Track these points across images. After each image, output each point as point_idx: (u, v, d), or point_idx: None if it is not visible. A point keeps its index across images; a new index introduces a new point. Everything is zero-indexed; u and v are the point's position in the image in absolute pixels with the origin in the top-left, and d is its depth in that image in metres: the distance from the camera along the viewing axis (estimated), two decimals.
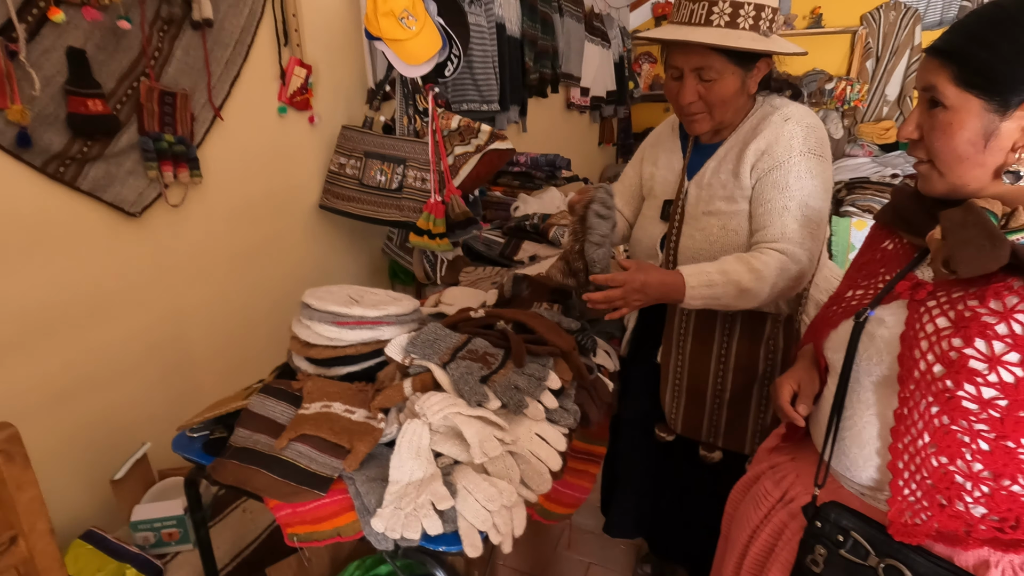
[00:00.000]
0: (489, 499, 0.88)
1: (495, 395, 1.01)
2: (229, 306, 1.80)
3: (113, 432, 1.48)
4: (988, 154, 0.69)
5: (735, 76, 1.13)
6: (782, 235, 1.11)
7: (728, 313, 1.26)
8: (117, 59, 1.39)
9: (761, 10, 1.09)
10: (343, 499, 0.94)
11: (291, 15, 1.86)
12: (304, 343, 1.19)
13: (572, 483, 1.38)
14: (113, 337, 1.48)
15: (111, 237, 1.45)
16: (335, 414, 1.06)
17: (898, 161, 3.91)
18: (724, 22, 1.09)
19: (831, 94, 4.71)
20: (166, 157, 1.50)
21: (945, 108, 0.69)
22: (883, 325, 0.76)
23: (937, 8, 4.44)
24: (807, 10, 4.78)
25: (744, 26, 1.09)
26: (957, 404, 0.66)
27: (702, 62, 1.11)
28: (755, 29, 1.10)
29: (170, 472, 1.46)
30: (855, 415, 0.78)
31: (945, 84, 0.69)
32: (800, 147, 1.12)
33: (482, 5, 2.82)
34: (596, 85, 4.50)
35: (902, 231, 0.83)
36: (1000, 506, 0.66)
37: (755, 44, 1.08)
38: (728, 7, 1.08)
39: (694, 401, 1.32)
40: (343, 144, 2.02)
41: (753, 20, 1.09)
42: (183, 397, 1.66)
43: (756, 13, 1.09)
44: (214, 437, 1.11)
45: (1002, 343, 0.64)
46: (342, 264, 2.26)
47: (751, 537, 0.90)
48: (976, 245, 0.64)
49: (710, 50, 1.10)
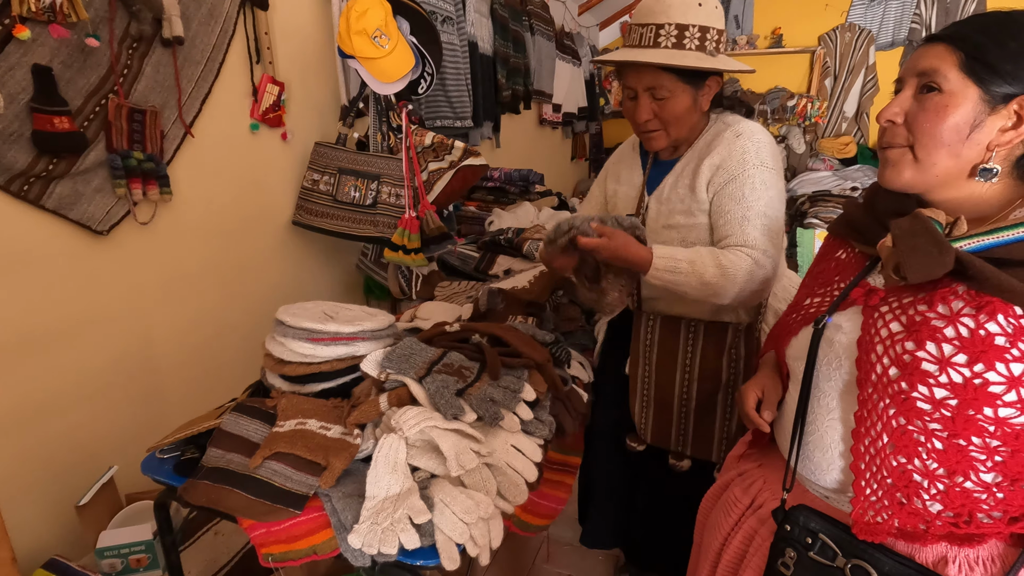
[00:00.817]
0: (466, 511, 0.88)
1: (471, 408, 1.02)
2: (200, 325, 1.77)
3: (79, 456, 1.44)
4: (968, 146, 0.71)
5: (686, 94, 1.19)
6: (745, 242, 1.15)
7: (691, 323, 1.30)
8: (85, 76, 1.38)
9: (706, 31, 1.15)
10: (319, 516, 0.94)
11: (263, 33, 1.86)
12: (278, 360, 1.18)
13: (548, 494, 1.39)
14: (79, 358, 1.44)
15: (77, 256, 1.42)
16: (310, 431, 1.06)
17: (857, 175, 4.06)
18: (671, 43, 1.15)
19: (793, 111, 4.88)
20: (135, 174, 1.48)
21: (942, 92, 0.72)
22: (841, 331, 0.79)
23: (889, 30, 4.65)
24: (768, 30, 4.96)
25: (690, 46, 1.15)
26: (912, 405, 0.69)
27: (654, 81, 1.17)
28: (701, 49, 1.16)
29: (138, 496, 1.42)
30: (818, 419, 0.80)
31: (950, 68, 0.71)
32: (752, 160, 1.17)
33: (454, 24, 2.86)
34: (568, 102, 4.59)
35: (854, 241, 0.87)
36: (954, 502, 0.69)
37: (700, 63, 1.14)
38: (674, 29, 1.14)
39: (662, 411, 1.36)
40: (316, 160, 2.02)
41: (699, 41, 1.15)
42: (152, 419, 1.63)
43: (701, 34, 1.15)
44: (185, 458, 1.09)
45: (951, 345, 0.68)
46: (316, 281, 2.25)
47: (723, 544, 0.91)
48: (924, 252, 0.68)
49: (660, 70, 1.16)
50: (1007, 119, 0.70)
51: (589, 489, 1.63)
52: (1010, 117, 0.70)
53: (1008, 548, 0.69)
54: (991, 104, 0.70)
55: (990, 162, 0.71)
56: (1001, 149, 0.71)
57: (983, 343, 0.66)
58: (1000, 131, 0.70)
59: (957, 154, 0.72)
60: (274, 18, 1.90)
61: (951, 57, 0.71)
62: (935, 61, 0.72)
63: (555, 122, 4.50)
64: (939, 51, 0.73)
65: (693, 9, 1.14)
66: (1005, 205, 0.73)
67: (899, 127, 0.75)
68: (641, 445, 1.41)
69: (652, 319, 1.34)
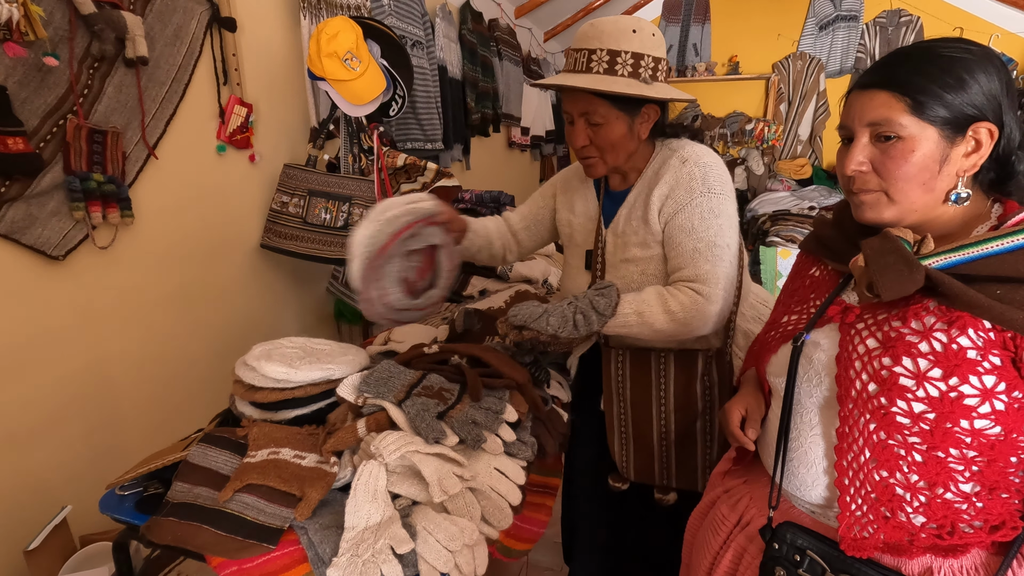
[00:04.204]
0: (451, 539, 0.85)
1: (453, 431, 0.99)
2: (161, 354, 1.70)
3: (28, 496, 1.35)
4: (941, 179, 0.74)
5: (620, 121, 1.17)
6: (696, 276, 1.15)
7: (660, 354, 1.29)
8: (42, 96, 1.33)
9: (640, 59, 1.14)
10: (295, 551, 0.89)
11: (230, 54, 1.83)
12: (248, 386, 1.13)
13: (530, 517, 1.36)
14: (29, 390, 1.36)
15: (30, 282, 1.35)
16: (284, 460, 1.01)
17: (814, 195, 4.22)
18: (603, 69, 1.14)
19: (751, 134, 5.07)
20: (94, 197, 1.42)
21: (901, 139, 0.74)
22: (819, 348, 0.81)
23: (837, 58, 4.90)
24: (725, 58, 5.16)
25: (623, 73, 1.14)
26: (892, 419, 0.71)
27: (587, 107, 1.17)
28: (634, 76, 1.14)
29: (94, 538, 1.33)
30: (801, 436, 0.81)
31: (901, 115, 0.73)
32: (700, 188, 1.16)
33: (424, 48, 2.88)
34: (535, 125, 4.66)
35: (826, 259, 0.89)
36: (936, 514, 0.70)
37: (630, 89, 1.13)
38: (606, 55, 1.14)
39: (642, 447, 1.33)
40: (286, 182, 1.99)
41: (632, 68, 1.14)
42: (108, 454, 1.54)
43: (634, 61, 1.14)
44: (148, 494, 1.03)
45: (926, 360, 0.70)
46: (285, 306, 2.19)
47: (712, 563, 0.91)
48: (895, 270, 0.70)
49: (593, 95, 1.15)
50: (967, 145, 0.73)
51: (573, 530, 1.60)
52: (969, 143, 0.73)
53: (991, 556, 0.71)
54: (951, 138, 0.73)
55: (960, 187, 0.74)
56: (968, 173, 0.74)
57: (956, 357, 0.68)
58: (964, 156, 0.74)
59: (931, 188, 0.75)
60: (242, 39, 1.88)
61: (898, 104, 0.73)
62: (884, 111, 0.74)
63: (523, 145, 4.56)
64: (884, 99, 0.74)
65: (627, 36, 1.13)
66: (970, 221, 0.76)
67: (868, 174, 0.77)
68: (624, 484, 1.38)
69: (621, 354, 1.31)
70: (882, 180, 0.76)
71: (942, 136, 0.73)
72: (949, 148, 0.73)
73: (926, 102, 0.72)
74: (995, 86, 0.72)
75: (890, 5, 4.72)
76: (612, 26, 1.14)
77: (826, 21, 4.85)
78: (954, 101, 0.71)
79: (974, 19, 4.49)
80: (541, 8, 4.54)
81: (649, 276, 1.24)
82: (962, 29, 4.46)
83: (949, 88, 0.71)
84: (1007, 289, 0.67)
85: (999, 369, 0.67)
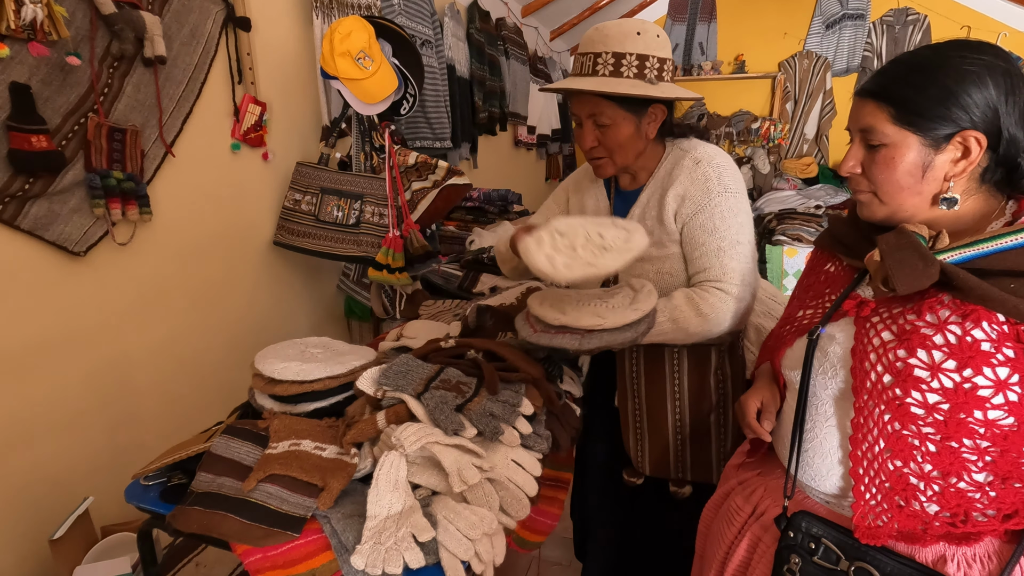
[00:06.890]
0: (471, 527, 0.87)
1: (471, 423, 1.01)
2: (180, 348, 1.72)
3: (52, 487, 1.38)
4: (925, 184, 0.77)
5: (627, 121, 1.19)
6: (723, 275, 1.17)
7: (674, 350, 1.31)
8: (64, 95, 1.35)
9: (645, 60, 1.16)
10: (318, 539, 0.91)
11: (245, 54, 1.85)
12: (268, 379, 1.15)
13: (544, 510, 1.38)
14: (54, 384, 1.39)
15: (53, 278, 1.38)
16: (305, 452, 1.03)
17: (820, 194, 4.22)
18: (608, 72, 1.16)
19: (757, 132, 5.08)
20: (114, 194, 1.45)
21: (886, 146, 0.77)
22: (834, 341, 0.82)
23: (843, 57, 4.90)
24: (731, 57, 5.17)
25: (628, 75, 1.16)
26: (906, 410, 0.72)
27: (594, 109, 1.19)
28: (640, 77, 1.16)
29: (115, 528, 1.36)
30: (816, 427, 0.83)
31: (884, 124, 0.77)
32: (717, 188, 1.18)
33: (433, 48, 2.90)
34: (542, 123, 4.67)
35: (841, 254, 0.91)
36: (950, 503, 0.72)
37: (635, 90, 1.14)
38: (611, 58, 1.16)
39: (657, 441, 1.34)
40: (298, 180, 2.01)
41: (637, 69, 1.16)
42: (129, 447, 1.57)
43: (640, 63, 1.16)
44: (172, 484, 1.06)
45: (940, 352, 0.71)
46: (297, 302, 2.21)
47: (727, 553, 0.93)
48: (911, 265, 0.72)
49: (599, 97, 1.17)
50: (955, 151, 0.75)
51: (585, 526, 1.62)
52: (957, 150, 0.75)
53: (1004, 544, 0.72)
54: (934, 146, 0.75)
55: (949, 192, 0.77)
56: (959, 177, 0.76)
57: (970, 349, 0.70)
58: (952, 162, 0.76)
59: (918, 192, 0.78)
60: (256, 39, 1.90)
61: (882, 113, 0.77)
62: (870, 119, 0.78)
63: (530, 143, 4.58)
64: (871, 108, 0.78)
65: (631, 38, 1.15)
66: (982, 218, 0.78)
67: (860, 177, 0.82)
68: (639, 478, 1.39)
69: (635, 351, 1.33)
70: (870, 183, 0.80)
71: (923, 144, 0.75)
72: (933, 155, 0.75)
73: (907, 112, 0.75)
74: (990, 95, 0.72)
75: (897, 3, 4.71)
76: (616, 29, 1.16)
77: (833, 20, 4.86)
78: (935, 111, 0.73)
79: (982, 17, 4.49)
80: (548, 7, 4.55)
81: (665, 275, 1.26)
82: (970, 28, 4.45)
83: (932, 99, 0.74)
84: (1021, 283, 0.69)
85: (1013, 361, 0.68)
